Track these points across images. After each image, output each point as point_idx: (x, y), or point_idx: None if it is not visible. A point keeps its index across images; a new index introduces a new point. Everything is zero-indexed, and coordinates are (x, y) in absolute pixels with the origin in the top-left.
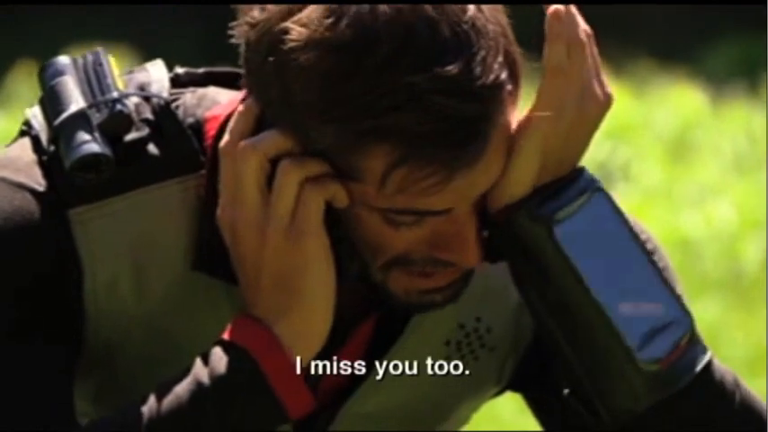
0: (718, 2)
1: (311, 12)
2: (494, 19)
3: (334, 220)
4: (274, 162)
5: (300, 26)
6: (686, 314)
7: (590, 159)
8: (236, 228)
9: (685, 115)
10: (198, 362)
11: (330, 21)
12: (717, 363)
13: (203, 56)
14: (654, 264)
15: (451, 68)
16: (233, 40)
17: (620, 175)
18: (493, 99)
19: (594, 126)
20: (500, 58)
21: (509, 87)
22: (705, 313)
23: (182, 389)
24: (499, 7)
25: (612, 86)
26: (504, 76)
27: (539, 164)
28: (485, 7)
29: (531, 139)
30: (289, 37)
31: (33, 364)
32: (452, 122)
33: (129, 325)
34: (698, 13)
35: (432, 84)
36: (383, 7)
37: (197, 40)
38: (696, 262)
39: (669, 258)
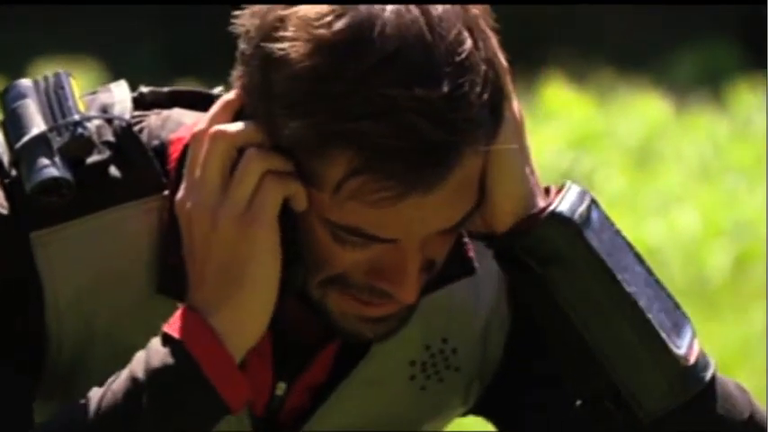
0: (685, 4)
1: (313, 6)
2: (488, 59)
3: (289, 224)
4: (242, 153)
5: (297, 18)
6: (687, 316)
7: (553, 169)
8: (192, 212)
9: (649, 123)
10: (136, 356)
11: (328, 18)
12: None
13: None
14: (646, 264)
15: (432, 93)
16: (232, 29)
17: (583, 183)
18: (465, 133)
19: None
20: (484, 99)
21: (486, 130)
22: None
23: (118, 385)
24: (495, 45)
25: (575, 96)
26: (483, 116)
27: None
28: (483, 45)
29: (518, 155)
30: (283, 26)
31: None
32: (419, 144)
33: (92, 344)
34: (660, 21)
35: (409, 102)
36: (387, 17)
37: (161, 53)
38: (661, 270)
39: None
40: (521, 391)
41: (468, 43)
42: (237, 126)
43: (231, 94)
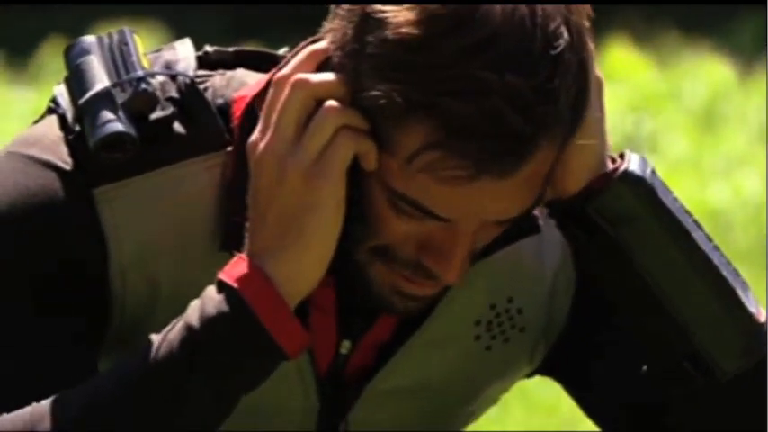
0: None
1: None
2: (581, 59)
3: (355, 182)
4: (320, 105)
5: None
6: (746, 281)
7: (616, 131)
8: (262, 158)
9: (712, 87)
10: (192, 305)
11: None
12: None
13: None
14: (704, 229)
15: (523, 82)
16: None
17: (646, 146)
18: (547, 127)
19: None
20: (570, 97)
21: (565, 128)
22: None
23: (173, 334)
24: (590, 47)
25: (639, 59)
26: (566, 113)
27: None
28: (579, 43)
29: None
30: None
31: (59, 339)
32: (500, 129)
33: (155, 303)
34: None
35: (499, 87)
36: (493, 2)
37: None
38: (725, 232)
39: None
40: (588, 352)
41: (566, 38)
42: (321, 77)
43: (319, 45)
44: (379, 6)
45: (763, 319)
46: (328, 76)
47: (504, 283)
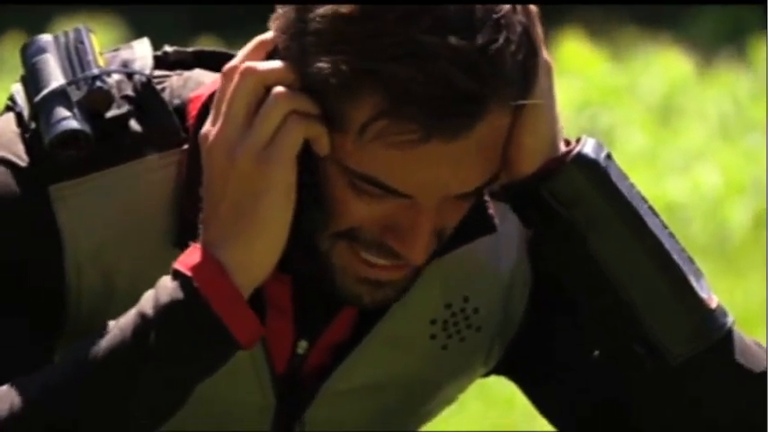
0: None
1: None
2: (525, 24)
3: (309, 168)
4: (269, 92)
5: None
6: (701, 270)
7: (573, 126)
8: (212, 146)
9: (671, 80)
10: (146, 294)
11: None
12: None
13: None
14: (660, 217)
15: (467, 43)
16: None
17: (603, 140)
18: (495, 88)
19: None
20: (517, 59)
21: (515, 90)
22: None
23: (126, 322)
24: (535, 17)
25: (595, 52)
26: (514, 75)
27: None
28: (522, 11)
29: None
30: None
31: (13, 333)
32: (447, 91)
33: (111, 298)
34: None
35: (442, 50)
36: None
37: (184, 16)
38: (682, 227)
39: None
40: (542, 349)
41: (507, 6)
42: (269, 64)
43: (266, 34)
44: None
45: (714, 305)
46: (276, 63)
47: (459, 282)
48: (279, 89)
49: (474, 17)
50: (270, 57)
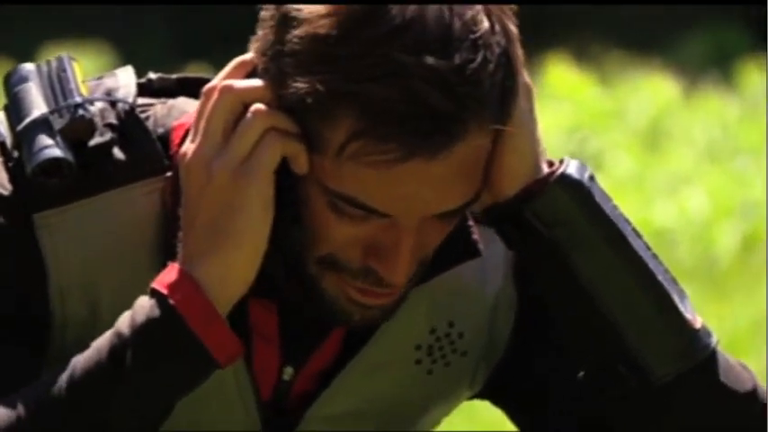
0: None
1: None
2: (504, 45)
3: (288, 188)
4: (248, 109)
5: None
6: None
7: (561, 150)
8: (190, 164)
9: (658, 105)
10: (123, 314)
11: None
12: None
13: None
14: (644, 238)
15: (443, 63)
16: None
17: (591, 165)
18: (472, 109)
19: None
20: (495, 80)
21: (494, 111)
22: None
23: (102, 342)
24: (514, 36)
25: (582, 77)
26: (492, 96)
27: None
28: (501, 30)
29: (529, 115)
30: None
31: None
32: (424, 111)
33: (96, 326)
34: (671, 3)
35: (419, 69)
36: None
37: (170, 41)
38: (670, 251)
39: None
40: (528, 373)
41: (486, 25)
42: (247, 82)
43: (246, 55)
44: (294, 6)
45: (698, 325)
46: (255, 82)
47: (444, 307)
48: (257, 106)
49: (452, 37)
50: (249, 77)
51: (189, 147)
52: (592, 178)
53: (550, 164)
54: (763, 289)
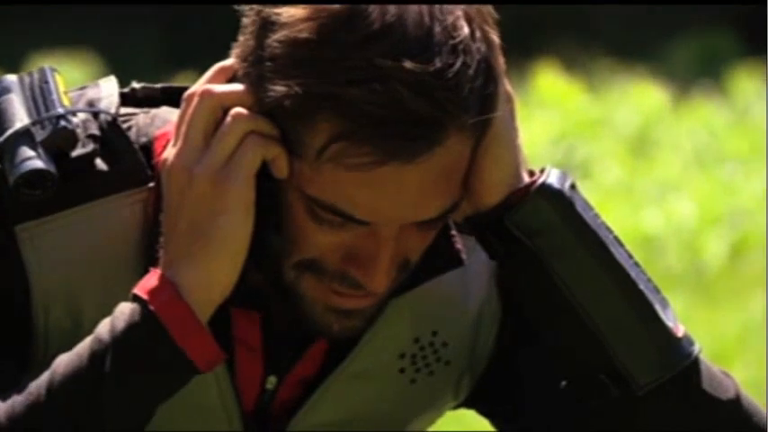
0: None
1: None
2: (484, 51)
3: (268, 190)
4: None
5: None
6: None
7: (549, 158)
8: (171, 167)
9: (646, 112)
10: (103, 321)
11: None
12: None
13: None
14: (626, 247)
15: (423, 67)
16: (236, 7)
17: (579, 173)
18: (452, 113)
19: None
20: (475, 85)
21: (474, 116)
22: None
23: (82, 347)
24: (495, 43)
25: (571, 85)
26: (472, 101)
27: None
28: (482, 36)
29: (510, 124)
30: None
31: None
32: (403, 114)
33: (79, 337)
34: (658, 11)
35: (398, 73)
36: (388, 1)
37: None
38: (658, 258)
39: None
40: (511, 382)
41: (466, 30)
42: (227, 87)
43: (226, 61)
44: (274, 9)
45: (680, 334)
46: (235, 86)
47: (428, 316)
48: (237, 109)
49: (432, 42)
50: (230, 83)
51: (170, 152)
52: (573, 187)
53: (531, 173)
54: (750, 296)
